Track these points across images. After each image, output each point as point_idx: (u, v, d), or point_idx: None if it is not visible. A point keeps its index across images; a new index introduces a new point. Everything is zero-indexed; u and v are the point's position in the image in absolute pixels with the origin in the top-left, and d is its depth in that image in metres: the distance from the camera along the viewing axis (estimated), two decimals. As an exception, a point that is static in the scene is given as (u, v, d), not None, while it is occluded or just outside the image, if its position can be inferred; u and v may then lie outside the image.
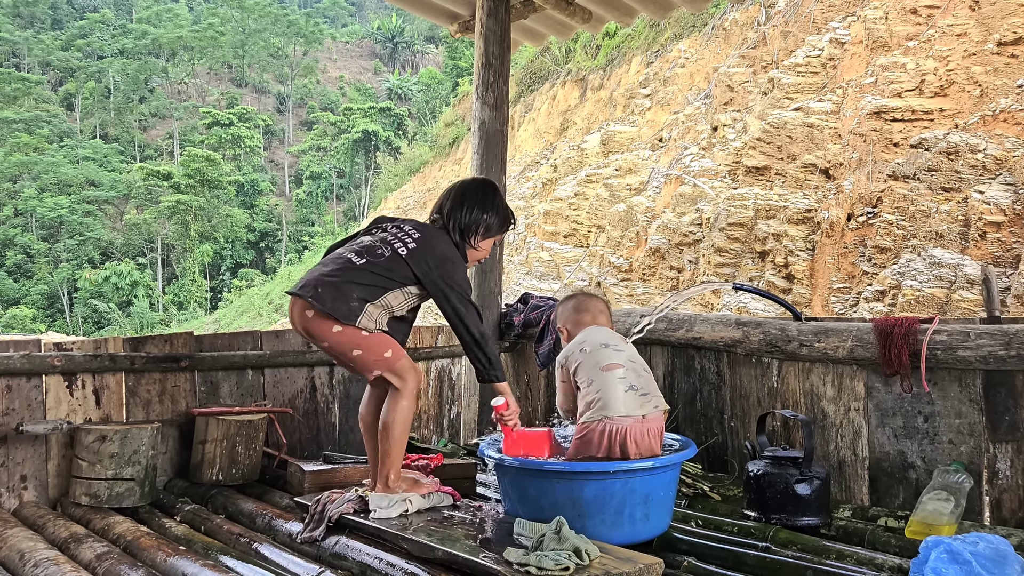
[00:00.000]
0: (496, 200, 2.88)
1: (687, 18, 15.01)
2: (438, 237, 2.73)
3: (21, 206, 46.86)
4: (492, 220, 2.83)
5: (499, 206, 2.87)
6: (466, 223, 2.79)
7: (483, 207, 2.81)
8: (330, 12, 78.37)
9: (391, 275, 2.61)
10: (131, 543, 2.51)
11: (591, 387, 2.48)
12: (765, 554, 2.29)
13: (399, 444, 2.62)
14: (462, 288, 2.67)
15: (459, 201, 2.81)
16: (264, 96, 65.26)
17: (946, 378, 2.76)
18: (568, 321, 2.79)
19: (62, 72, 60.85)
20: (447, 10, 4.70)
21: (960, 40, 7.90)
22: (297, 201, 52.57)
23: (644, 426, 2.45)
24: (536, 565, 1.91)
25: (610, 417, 2.41)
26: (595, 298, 2.87)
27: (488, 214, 2.82)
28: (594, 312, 2.79)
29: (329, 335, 2.56)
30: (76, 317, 40.65)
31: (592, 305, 2.81)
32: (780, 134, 9.14)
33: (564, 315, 2.83)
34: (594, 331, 2.67)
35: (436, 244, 2.70)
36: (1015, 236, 6.21)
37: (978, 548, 1.92)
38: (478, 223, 2.79)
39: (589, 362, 2.53)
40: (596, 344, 2.58)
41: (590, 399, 2.47)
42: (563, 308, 2.86)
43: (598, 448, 2.43)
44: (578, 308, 2.81)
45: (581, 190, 12.70)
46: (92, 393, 3.16)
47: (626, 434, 2.41)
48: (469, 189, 2.89)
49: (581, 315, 2.78)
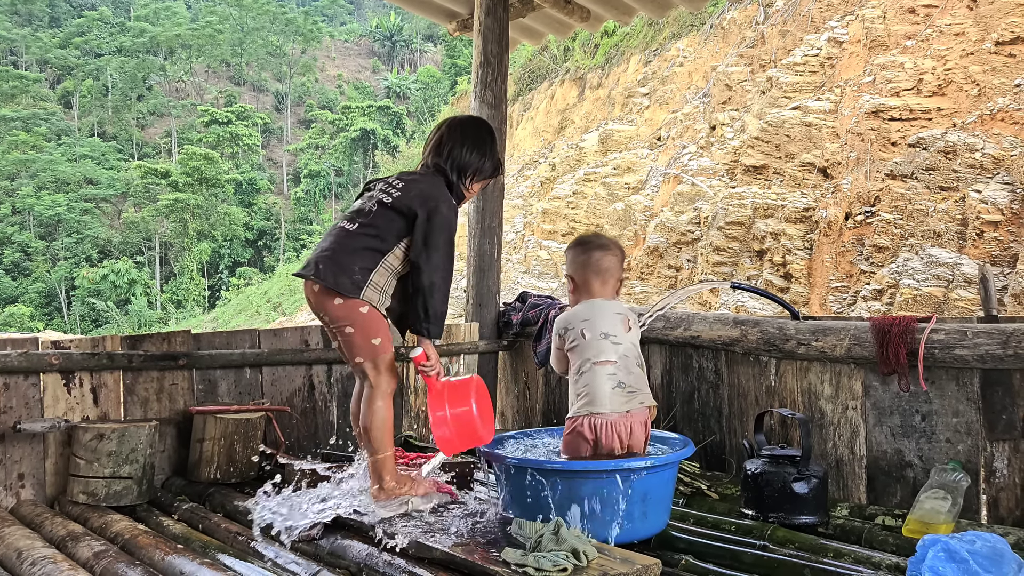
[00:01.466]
0: (493, 143, 2.83)
1: (685, 17, 15.01)
2: (424, 179, 2.69)
3: (19, 204, 46.81)
4: (487, 163, 2.79)
5: (495, 149, 2.84)
6: (464, 162, 2.73)
7: (481, 149, 2.77)
8: (328, 10, 78.28)
9: (384, 233, 2.57)
10: (129, 541, 2.51)
11: (581, 379, 2.50)
12: (763, 552, 2.29)
13: (383, 445, 2.57)
14: (446, 226, 2.58)
15: (459, 140, 2.76)
16: (262, 94, 65.20)
17: (943, 377, 2.76)
18: (578, 273, 2.63)
19: (60, 70, 60.77)
20: (446, 8, 4.70)
21: (958, 39, 7.91)
22: (295, 199, 52.52)
23: (628, 420, 2.48)
24: (534, 566, 1.91)
25: (595, 412, 2.45)
26: (611, 253, 2.65)
27: (485, 158, 2.78)
28: (605, 276, 2.61)
29: (331, 308, 2.55)
30: (74, 315, 40.60)
31: (606, 264, 2.61)
32: (778, 133, 9.14)
33: (576, 264, 2.64)
34: (600, 309, 2.57)
35: (422, 184, 2.66)
36: (1012, 235, 6.22)
37: (975, 546, 1.93)
38: (474, 165, 2.75)
39: (586, 350, 2.51)
40: (597, 332, 2.52)
41: (578, 391, 2.50)
42: (576, 256, 2.65)
43: (587, 441, 2.46)
44: (592, 266, 2.61)
45: (579, 189, 12.70)
46: (90, 391, 3.16)
47: (611, 427, 2.45)
48: (469, 127, 2.83)
49: (591, 276, 2.60)
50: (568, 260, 2.70)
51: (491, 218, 4.32)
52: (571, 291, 2.68)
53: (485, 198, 4.30)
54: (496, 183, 4.22)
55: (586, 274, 2.62)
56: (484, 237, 4.31)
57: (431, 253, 2.54)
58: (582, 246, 2.67)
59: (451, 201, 2.66)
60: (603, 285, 2.61)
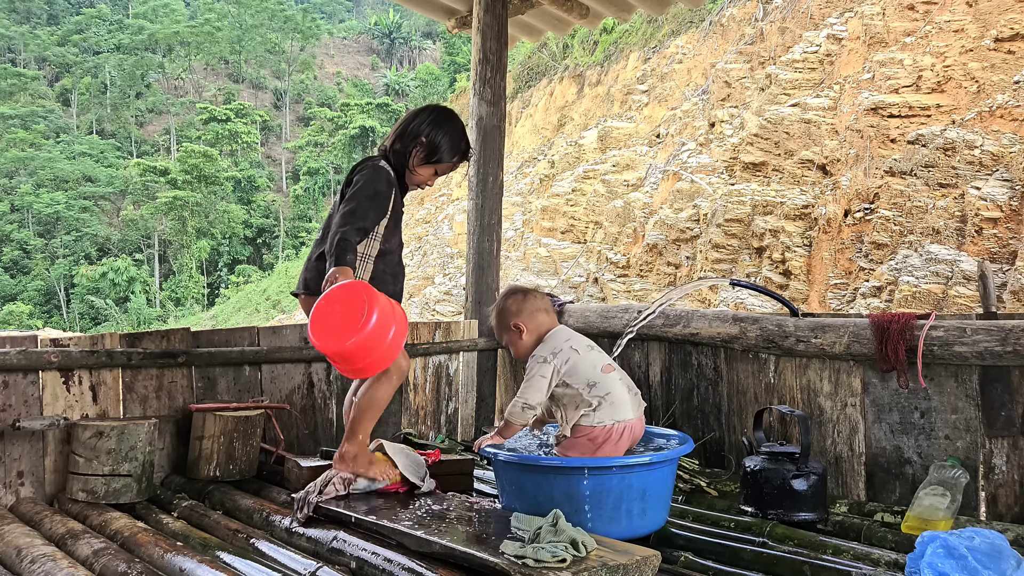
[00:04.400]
0: (445, 123, 2.79)
1: (684, 14, 15.00)
2: (359, 170, 2.75)
3: (18, 202, 46.80)
4: (436, 143, 2.77)
5: (448, 130, 2.79)
6: (405, 140, 2.76)
7: (427, 125, 2.76)
8: (327, 8, 78.25)
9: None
10: (128, 539, 2.51)
11: (595, 389, 2.47)
12: (762, 549, 2.30)
13: (365, 418, 2.65)
14: (362, 184, 2.65)
15: (405, 120, 2.81)
16: (261, 92, 65.16)
17: (942, 374, 2.76)
18: (524, 316, 2.62)
19: (58, 68, 60.73)
20: (444, 6, 4.69)
21: (957, 36, 7.91)
22: (294, 197, 52.50)
23: (639, 424, 2.53)
24: (533, 557, 1.91)
25: (620, 420, 2.45)
26: (535, 292, 2.73)
27: (433, 135, 2.76)
28: (548, 308, 2.68)
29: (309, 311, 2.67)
30: (73, 313, 40.60)
31: (542, 301, 2.68)
32: (777, 130, 9.14)
33: (518, 312, 2.63)
34: (567, 330, 2.65)
35: (354, 176, 2.74)
36: (1011, 232, 6.22)
37: (974, 543, 1.93)
38: (416, 142, 2.75)
39: (585, 363, 2.51)
40: (583, 345, 2.56)
41: (595, 402, 2.45)
42: (514, 304, 2.65)
43: (612, 451, 2.45)
44: (532, 304, 2.65)
45: (578, 186, 12.70)
46: (89, 389, 3.16)
47: (632, 434, 2.50)
48: (421, 110, 2.85)
49: (536, 312, 2.63)
50: (506, 316, 2.66)
51: (490, 215, 4.32)
52: (521, 339, 2.62)
53: (484, 195, 4.30)
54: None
55: (532, 314, 2.63)
56: (483, 234, 4.31)
57: (343, 206, 2.64)
58: (511, 296, 2.68)
59: (379, 167, 2.73)
60: (548, 315, 2.66)
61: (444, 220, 17.60)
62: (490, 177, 4.29)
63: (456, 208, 16.61)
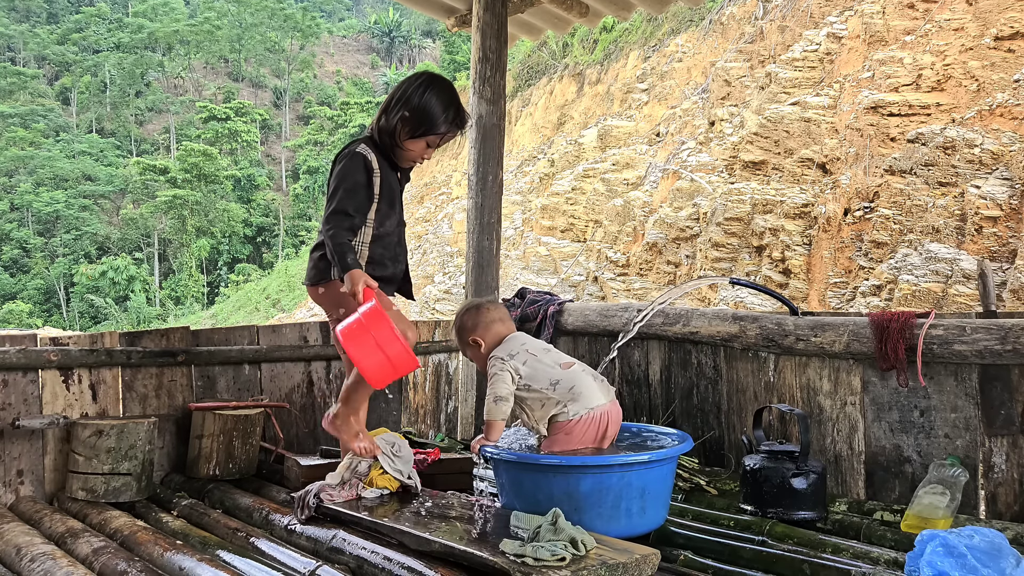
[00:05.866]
0: (430, 90, 2.58)
1: (684, 13, 15.00)
2: (339, 160, 2.67)
3: (17, 201, 46.78)
4: (422, 113, 2.57)
5: (434, 97, 2.58)
6: (391, 114, 2.60)
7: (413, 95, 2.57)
8: (327, 6, 78.16)
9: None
10: (128, 538, 2.51)
11: (559, 385, 2.50)
12: (761, 548, 2.30)
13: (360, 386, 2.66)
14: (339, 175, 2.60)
15: (391, 93, 2.66)
16: (261, 91, 65.12)
17: (942, 372, 2.76)
18: (480, 330, 2.65)
19: (58, 66, 60.69)
20: (444, 4, 4.69)
21: (957, 35, 7.90)
22: (294, 196, 52.45)
23: (615, 408, 2.56)
24: (532, 556, 1.92)
25: (593, 407, 2.48)
26: (492, 303, 2.78)
27: (418, 105, 2.56)
28: (504, 317, 2.70)
29: (318, 299, 2.72)
30: (73, 312, 40.58)
31: (497, 311, 2.70)
32: (777, 129, 9.13)
33: (474, 327, 2.66)
34: (523, 335, 2.69)
35: (335, 167, 2.67)
36: (1011, 231, 6.22)
37: (973, 541, 1.93)
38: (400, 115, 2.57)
39: (544, 363, 2.55)
40: (540, 348, 2.62)
41: (564, 398, 2.48)
42: (469, 319, 2.68)
43: (593, 439, 2.48)
44: (487, 316, 2.66)
45: (578, 185, 12.70)
46: (88, 388, 3.16)
47: (608, 419, 2.52)
48: (408, 79, 2.65)
49: (491, 324, 2.65)
50: (464, 333, 2.69)
51: (490, 214, 4.32)
52: (482, 350, 2.65)
53: (483, 194, 4.29)
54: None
55: (488, 326, 2.66)
56: (483, 233, 4.31)
57: (327, 206, 2.61)
58: (466, 313, 2.71)
59: (355, 153, 2.61)
60: (504, 324, 2.69)
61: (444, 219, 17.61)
62: (490, 176, 4.28)
63: (456, 207, 16.61)
